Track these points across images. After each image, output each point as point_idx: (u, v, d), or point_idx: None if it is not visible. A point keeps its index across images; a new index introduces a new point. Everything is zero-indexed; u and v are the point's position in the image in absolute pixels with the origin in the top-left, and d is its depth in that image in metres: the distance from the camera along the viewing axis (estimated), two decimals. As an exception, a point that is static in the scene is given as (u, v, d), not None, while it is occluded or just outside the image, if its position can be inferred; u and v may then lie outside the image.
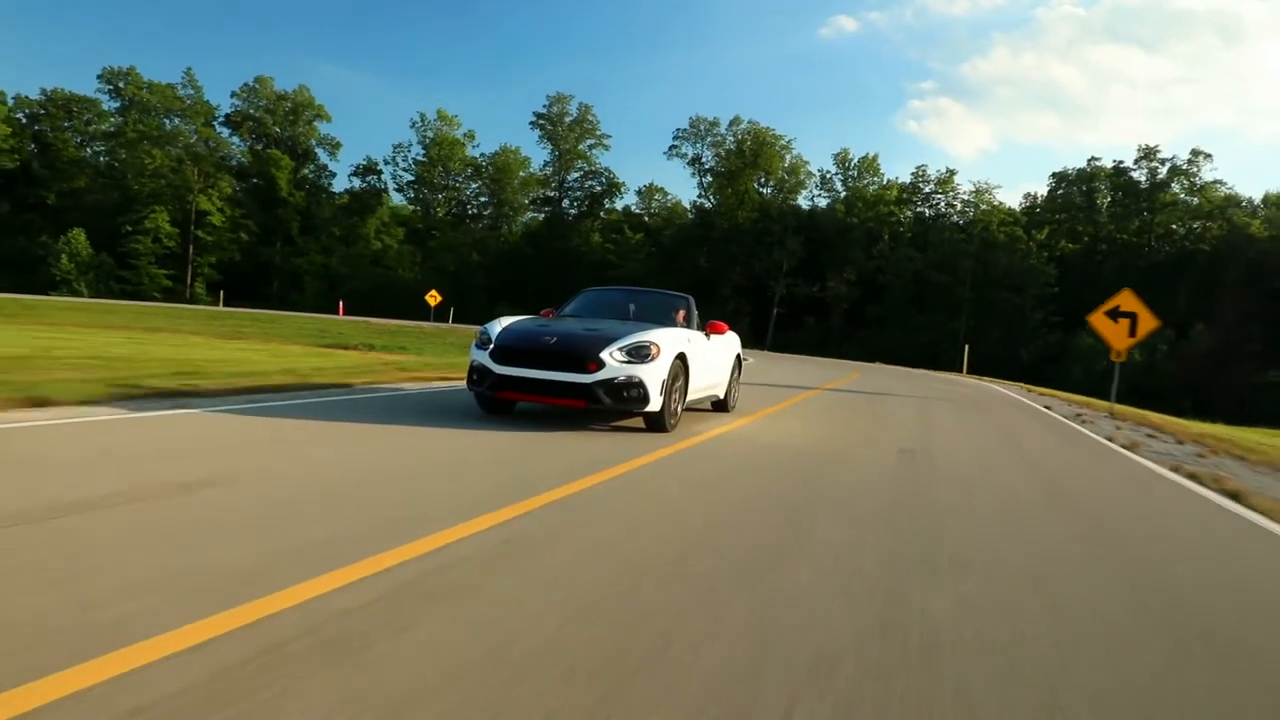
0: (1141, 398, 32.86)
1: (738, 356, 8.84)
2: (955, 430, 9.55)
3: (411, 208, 70.06)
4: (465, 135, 68.74)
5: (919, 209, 61.07)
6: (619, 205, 69.72)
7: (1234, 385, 42.11)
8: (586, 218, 67.70)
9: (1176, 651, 2.60)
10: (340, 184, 73.47)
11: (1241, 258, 48.23)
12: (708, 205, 63.26)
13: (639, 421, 6.66)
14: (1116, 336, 13.06)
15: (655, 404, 6.16)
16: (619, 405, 6.09)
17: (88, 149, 64.80)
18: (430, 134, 68.08)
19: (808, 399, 11.96)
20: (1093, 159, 58.90)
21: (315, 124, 67.96)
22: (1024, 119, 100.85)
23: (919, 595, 2.85)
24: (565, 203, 69.23)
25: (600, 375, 5.97)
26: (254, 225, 60.66)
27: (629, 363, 6.04)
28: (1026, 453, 8.13)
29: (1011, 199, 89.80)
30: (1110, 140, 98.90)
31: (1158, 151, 55.97)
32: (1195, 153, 54.91)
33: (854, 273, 56.34)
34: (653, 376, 6.08)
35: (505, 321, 6.79)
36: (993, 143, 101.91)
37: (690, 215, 66.11)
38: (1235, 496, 5.83)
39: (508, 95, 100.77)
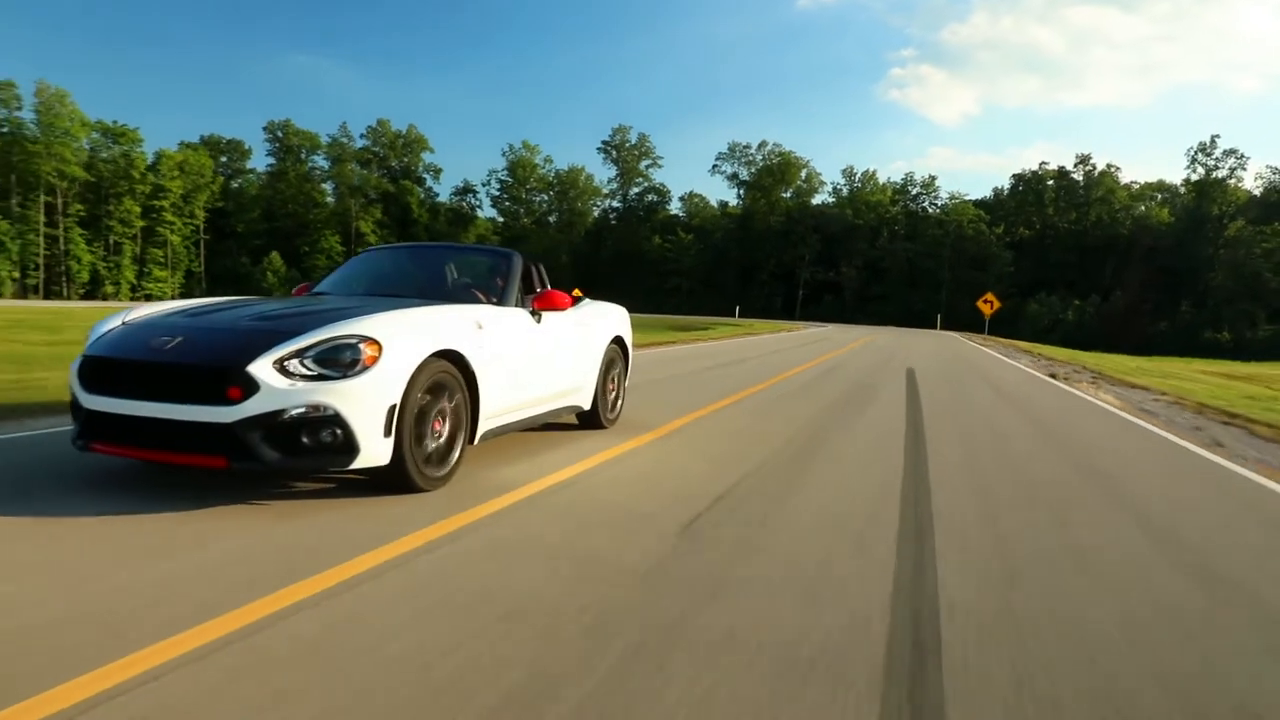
0: (1076, 346, 50.75)
1: (618, 342, 5.70)
2: (920, 338, 27.61)
3: (500, 219, 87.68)
4: (544, 159, 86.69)
5: (909, 206, 78.64)
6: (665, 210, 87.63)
7: (1135, 334, 60.08)
8: (645, 223, 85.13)
9: (957, 369, 20.61)
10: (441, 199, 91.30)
11: (1142, 243, 66.16)
12: (744, 210, 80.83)
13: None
14: (986, 308, 31.46)
15: (374, 453, 3.24)
16: (297, 461, 3.14)
17: (235, 183, 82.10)
18: (515, 158, 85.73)
19: (860, 346, 29.81)
20: (1043, 163, 77.08)
21: (421, 155, 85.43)
22: (1006, 83, 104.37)
23: (882, 370, 20.82)
24: (627, 212, 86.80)
25: (252, 407, 3.04)
26: (397, 241, 78.07)
27: (316, 378, 3.14)
28: (945, 344, 26.18)
29: (984, 187, 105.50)
30: (1092, 100, 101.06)
31: (1090, 158, 74.12)
32: (1110, 165, 74.34)
33: (861, 260, 74.04)
34: (361, 402, 3.17)
35: (137, 312, 3.84)
36: (976, 107, 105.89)
37: (719, 215, 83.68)
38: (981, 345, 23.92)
39: (510, 84, 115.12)
